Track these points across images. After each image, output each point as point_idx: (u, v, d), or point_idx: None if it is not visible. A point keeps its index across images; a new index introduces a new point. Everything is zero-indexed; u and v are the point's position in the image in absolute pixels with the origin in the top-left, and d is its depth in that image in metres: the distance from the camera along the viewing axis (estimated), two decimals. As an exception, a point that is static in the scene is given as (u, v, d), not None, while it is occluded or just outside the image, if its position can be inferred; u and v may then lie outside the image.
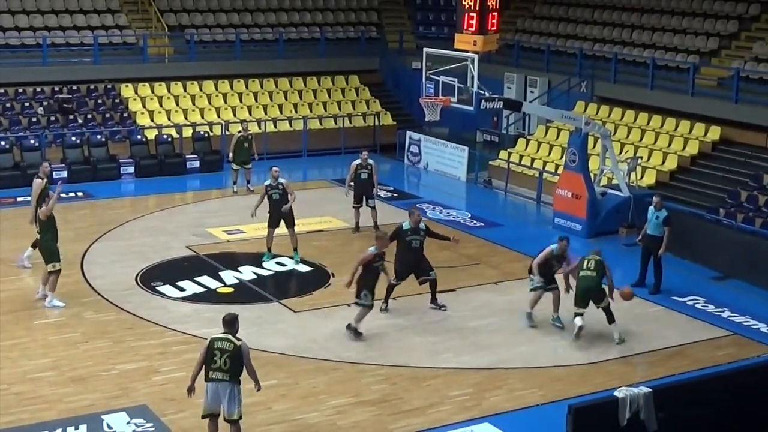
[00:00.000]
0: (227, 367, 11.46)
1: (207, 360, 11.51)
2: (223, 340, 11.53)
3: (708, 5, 28.62)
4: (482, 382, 14.39)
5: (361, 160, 21.57)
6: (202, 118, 29.29)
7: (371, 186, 21.53)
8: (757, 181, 22.60)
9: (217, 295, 17.66)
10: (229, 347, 11.49)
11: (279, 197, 19.08)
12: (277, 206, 19.07)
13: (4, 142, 25.76)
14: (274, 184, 19.18)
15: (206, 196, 25.21)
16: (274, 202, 19.13)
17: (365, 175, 21.45)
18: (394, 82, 33.54)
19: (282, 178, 19.20)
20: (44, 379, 14.03)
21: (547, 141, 27.54)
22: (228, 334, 11.59)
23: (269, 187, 19.22)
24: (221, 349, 11.47)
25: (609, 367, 15.08)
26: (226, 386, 11.53)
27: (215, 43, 31.87)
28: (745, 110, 24.49)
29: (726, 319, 17.16)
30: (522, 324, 16.47)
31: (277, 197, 19.09)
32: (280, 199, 19.07)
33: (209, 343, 11.55)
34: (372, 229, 21.01)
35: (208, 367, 11.53)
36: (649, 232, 18.42)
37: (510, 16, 33.39)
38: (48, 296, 16.66)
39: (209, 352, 11.50)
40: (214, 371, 11.50)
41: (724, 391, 12.20)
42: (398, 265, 17.05)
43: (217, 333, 11.70)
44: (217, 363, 11.46)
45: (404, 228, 17.02)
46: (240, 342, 11.56)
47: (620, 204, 21.90)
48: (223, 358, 11.44)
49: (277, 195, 19.10)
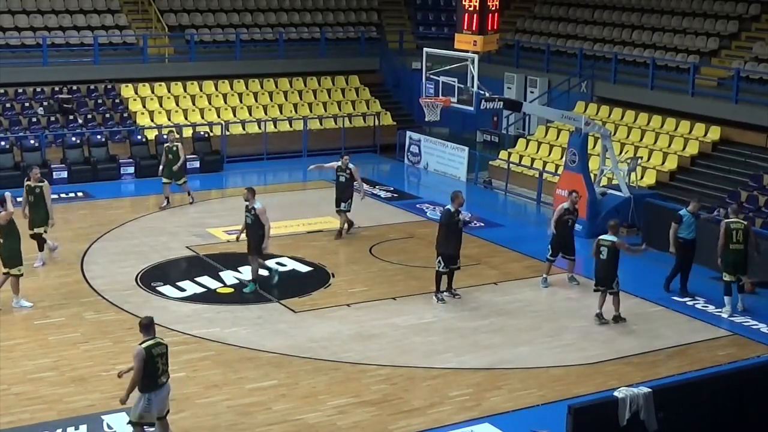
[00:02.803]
0: (167, 367, 11.61)
1: (150, 369, 11.36)
2: (156, 346, 11.47)
3: (708, 5, 28.63)
4: (482, 382, 14.39)
5: (341, 163, 21.24)
6: (202, 119, 29.29)
7: (348, 190, 21.14)
8: (757, 181, 22.60)
9: (217, 296, 17.67)
10: (164, 349, 11.55)
11: (251, 222, 17.70)
12: (249, 231, 17.77)
13: (4, 142, 25.77)
14: (249, 206, 17.85)
15: (206, 196, 25.20)
16: (246, 226, 17.86)
17: (343, 179, 21.11)
18: (394, 82, 33.54)
19: (258, 203, 17.74)
20: (44, 380, 14.04)
21: (547, 141, 27.55)
22: (155, 338, 11.54)
23: (246, 207, 17.88)
24: (160, 354, 11.47)
25: (609, 367, 15.08)
26: (168, 385, 11.67)
27: (215, 43, 31.87)
28: (745, 110, 24.49)
29: (726, 319, 17.16)
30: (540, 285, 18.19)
31: (249, 221, 17.76)
32: (251, 224, 17.71)
33: (145, 353, 11.30)
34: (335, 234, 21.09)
35: (154, 376, 11.41)
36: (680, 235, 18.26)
37: (510, 16, 33.39)
38: (14, 298, 16.67)
39: (151, 362, 11.36)
40: (160, 376, 11.50)
41: (724, 391, 12.20)
42: (453, 250, 17.37)
43: (144, 341, 11.42)
44: (160, 368, 11.47)
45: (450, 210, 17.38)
46: (164, 340, 11.72)
47: (620, 204, 21.90)
48: (163, 360, 11.51)
49: (249, 219, 17.74)
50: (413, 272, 19.02)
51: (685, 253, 18.19)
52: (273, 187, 26.80)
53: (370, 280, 18.67)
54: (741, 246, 17.23)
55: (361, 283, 18.46)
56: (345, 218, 21.19)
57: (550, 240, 18.45)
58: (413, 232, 21.84)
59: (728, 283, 17.29)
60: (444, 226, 17.44)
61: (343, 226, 21.20)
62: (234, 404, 13.42)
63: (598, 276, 16.77)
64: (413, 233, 21.77)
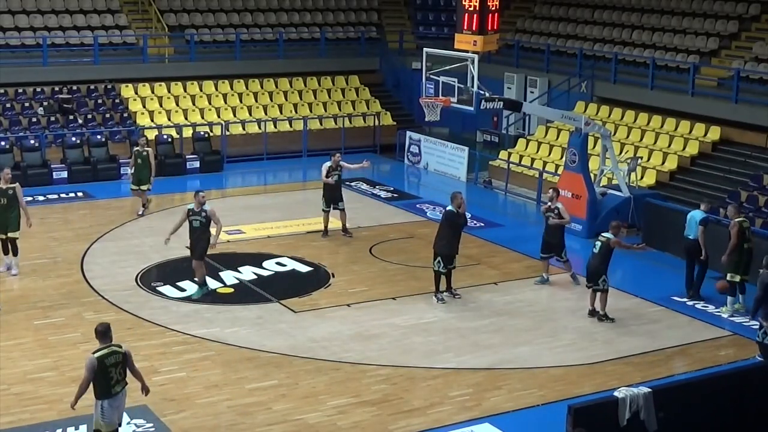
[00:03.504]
0: (122, 377, 11.33)
1: (102, 379, 11.13)
2: (111, 355, 11.21)
3: (708, 5, 28.63)
4: (482, 382, 14.39)
5: (332, 162, 21.03)
6: (202, 119, 29.28)
7: (341, 189, 21.17)
8: (757, 181, 22.60)
9: (217, 296, 17.67)
10: (119, 358, 11.25)
11: (200, 225, 17.18)
12: (197, 235, 17.26)
13: (4, 142, 25.76)
14: (197, 209, 17.22)
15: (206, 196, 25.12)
16: (193, 230, 17.23)
17: (336, 178, 21.06)
18: (394, 82, 33.54)
19: (207, 205, 17.38)
20: (44, 380, 14.04)
21: (547, 141, 27.55)
22: (111, 347, 11.28)
23: (191, 212, 17.26)
24: (114, 363, 11.19)
25: (609, 367, 15.08)
26: (124, 394, 11.42)
27: (215, 43, 31.87)
28: (745, 110, 24.49)
29: (726, 319, 17.16)
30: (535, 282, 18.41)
31: (198, 225, 17.18)
32: (200, 227, 17.21)
33: (97, 363, 11.07)
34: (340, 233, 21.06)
35: (107, 386, 11.16)
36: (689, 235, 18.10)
37: (510, 16, 33.40)
38: None
39: (103, 372, 11.11)
40: (114, 386, 11.24)
41: (724, 391, 12.21)
42: (454, 250, 17.47)
43: (99, 350, 11.21)
44: (114, 378, 11.21)
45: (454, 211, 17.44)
46: (123, 348, 11.36)
47: (620, 204, 21.89)
48: (118, 370, 11.22)
49: (198, 223, 17.18)
50: (413, 272, 19.02)
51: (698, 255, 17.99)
52: (273, 187, 26.82)
53: (370, 280, 18.67)
54: (752, 245, 17.25)
55: (361, 283, 18.46)
56: (344, 216, 21.22)
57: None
58: (413, 232, 21.84)
59: (734, 283, 17.27)
60: (447, 227, 17.44)
61: (344, 222, 21.24)
62: (234, 404, 13.43)
63: (588, 271, 16.90)
64: (413, 233, 21.77)
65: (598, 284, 16.66)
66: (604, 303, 16.78)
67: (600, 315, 16.79)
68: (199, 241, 17.31)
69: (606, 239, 16.63)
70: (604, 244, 16.61)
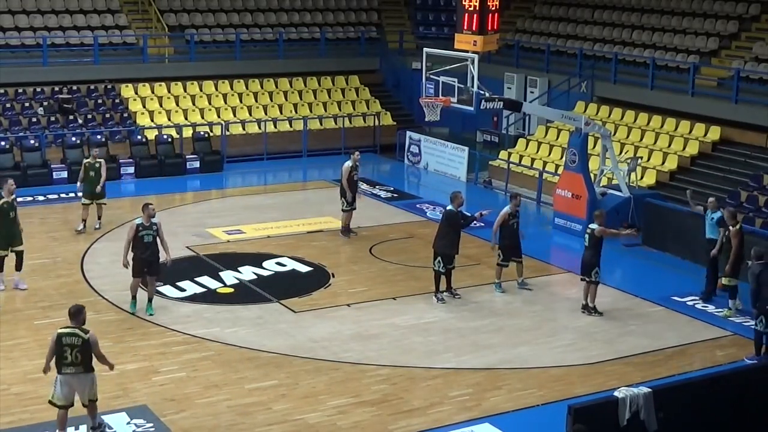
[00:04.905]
0: (79, 361, 11.39)
1: (57, 355, 11.41)
2: (71, 335, 11.33)
3: (708, 5, 28.63)
4: (482, 382, 14.39)
5: (352, 161, 21.08)
6: (202, 119, 29.28)
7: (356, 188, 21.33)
8: (757, 181, 22.59)
9: (217, 296, 17.66)
10: (78, 342, 11.36)
11: (153, 240, 16.29)
12: (151, 251, 16.34)
13: (4, 142, 25.76)
14: (146, 224, 16.28)
15: (206, 196, 25.22)
16: (146, 246, 16.24)
17: (357, 177, 21.25)
18: (394, 82, 33.54)
19: (156, 218, 16.53)
20: (44, 380, 13.97)
21: (547, 141, 27.55)
22: (74, 328, 11.41)
23: (141, 227, 16.26)
24: (70, 344, 11.32)
25: (609, 367, 15.08)
26: (81, 378, 11.54)
27: (215, 43, 31.87)
28: (744, 110, 24.49)
29: (726, 319, 17.15)
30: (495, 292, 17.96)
31: (150, 240, 16.24)
32: (153, 242, 16.31)
33: (57, 338, 11.39)
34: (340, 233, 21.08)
35: (59, 362, 11.43)
36: (708, 235, 18.10)
37: (510, 16, 33.40)
38: None
39: (58, 348, 11.36)
40: (66, 366, 11.40)
41: (724, 391, 12.21)
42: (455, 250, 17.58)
43: (64, 327, 11.50)
44: (68, 359, 11.33)
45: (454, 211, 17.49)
46: (87, 334, 11.44)
47: (620, 204, 21.88)
48: (74, 353, 11.32)
49: (150, 237, 16.25)
50: (413, 272, 19.02)
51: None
52: (273, 187, 26.81)
53: (370, 280, 18.67)
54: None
55: (361, 283, 18.46)
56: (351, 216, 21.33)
57: (499, 245, 18.08)
58: (413, 232, 21.84)
59: (734, 286, 17.22)
60: (447, 227, 17.44)
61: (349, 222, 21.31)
62: (234, 404, 13.42)
63: (582, 264, 17.10)
64: (413, 233, 21.77)
65: (591, 276, 16.87)
66: (593, 295, 17.00)
67: (589, 307, 16.91)
68: (153, 256, 16.39)
69: (592, 230, 16.84)
70: (591, 236, 16.84)
